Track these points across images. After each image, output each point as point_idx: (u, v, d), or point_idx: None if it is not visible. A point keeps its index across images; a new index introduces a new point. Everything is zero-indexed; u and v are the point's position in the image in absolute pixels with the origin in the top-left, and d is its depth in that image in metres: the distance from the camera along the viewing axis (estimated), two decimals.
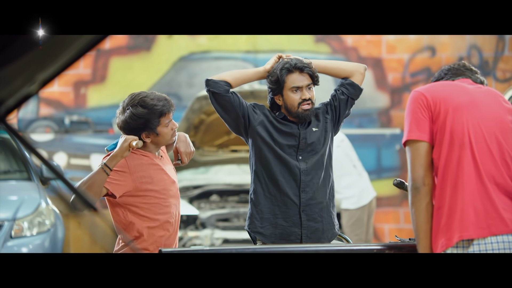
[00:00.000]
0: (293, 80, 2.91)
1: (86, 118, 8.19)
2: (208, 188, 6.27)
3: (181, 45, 8.43)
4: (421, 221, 2.21)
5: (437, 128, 2.23)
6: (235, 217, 6.03)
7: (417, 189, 2.22)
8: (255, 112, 2.94)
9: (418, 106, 2.25)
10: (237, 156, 6.81)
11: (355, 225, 5.75)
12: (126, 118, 2.84)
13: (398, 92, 8.25)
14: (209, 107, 6.55)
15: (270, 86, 2.97)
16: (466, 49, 8.07)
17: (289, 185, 2.89)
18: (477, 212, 2.16)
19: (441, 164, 2.21)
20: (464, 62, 2.44)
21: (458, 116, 2.22)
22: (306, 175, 2.90)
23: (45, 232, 4.84)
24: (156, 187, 2.81)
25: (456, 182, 2.19)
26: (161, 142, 2.87)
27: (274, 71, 2.94)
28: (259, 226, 2.92)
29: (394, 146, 8.19)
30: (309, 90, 2.93)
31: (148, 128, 2.82)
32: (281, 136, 2.93)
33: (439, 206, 2.21)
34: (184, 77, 8.44)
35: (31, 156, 5.28)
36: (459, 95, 2.27)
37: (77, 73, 8.25)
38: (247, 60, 8.36)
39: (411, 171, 2.24)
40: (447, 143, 2.21)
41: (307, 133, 2.94)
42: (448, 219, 2.18)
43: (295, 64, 2.91)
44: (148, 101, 2.82)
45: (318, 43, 8.35)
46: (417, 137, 2.24)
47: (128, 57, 8.35)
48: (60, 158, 7.89)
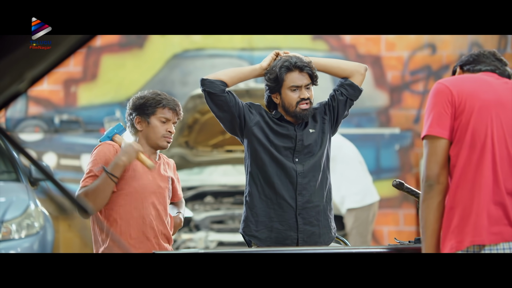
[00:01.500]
0: (292, 79, 2.91)
1: (77, 117, 8.17)
2: (203, 189, 6.27)
3: (174, 43, 8.43)
4: (430, 219, 2.20)
5: (458, 125, 2.20)
6: (230, 219, 6.03)
7: (430, 187, 2.21)
8: (251, 112, 2.94)
9: (442, 100, 2.22)
10: (232, 156, 6.81)
11: (362, 226, 5.68)
12: (132, 98, 2.97)
13: (398, 91, 8.27)
14: (204, 106, 6.55)
15: (268, 84, 2.97)
16: (467, 46, 8.09)
17: (286, 187, 2.89)
18: (491, 217, 2.15)
19: (460, 163, 2.19)
20: (495, 51, 2.38)
21: (483, 116, 2.19)
22: (303, 178, 2.90)
23: (34, 235, 4.83)
24: (136, 182, 2.82)
25: (474, 184, 2.17)
26: (151, 137, 2.88)
27: (273, 69, 2.94)
28: (254, 230, 2.92)
29: (393, 146, 8.20)
30: (308, 89, 2.93)
31: (142, 113, 2.88)
32: (277, 137, 2.93)
33: (452, 206, 2.20)
34: (177, 75, 8.43)
35: (19, 157, 5.27)
36: (486, 91, 2.23)
37: (67, 71, 8.23)
38: (242, 57, 8.36)
39: (426, 167, 2.22)
40: (468, 143, 2.18)
41: (304, 135, 2.94)
42: (460, 221, 2.17)
43: (295, 63, 2.90)
44: (158, 91, 2.95)
45: (316, 40, 8.36)
46: (436, 133, 2.21)
47: (120, 54, 8.34)
48: (49, 158, 7.87)
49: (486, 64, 2.34)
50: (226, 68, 3.04)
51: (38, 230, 4.86)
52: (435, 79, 7.89)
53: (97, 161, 2.81)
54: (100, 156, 2.82)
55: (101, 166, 2.77)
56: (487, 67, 2.33)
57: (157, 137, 2.89)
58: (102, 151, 2.83)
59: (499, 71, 2.33)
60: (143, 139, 2.91)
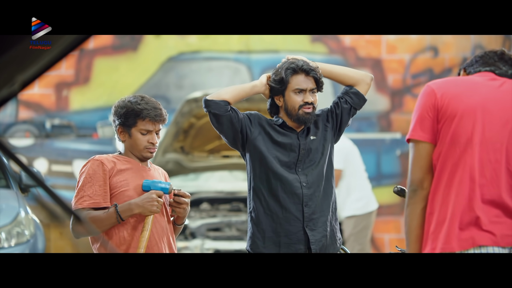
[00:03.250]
0: (297, 82, 2.91)
1: (69, 121, 8.16)
2: (198, 196, 6.26)
3: (169, 45, 8.43)
4: (414, 225, 2.25)
5: (440, 128, 2.22)
6: (226, 227, 6.03)
7: (414, 192, 2.24)
8: (251, 125, 2.94)
9: (426, 103, 2.24)
10: (229, 162, 6.81)
11: (361, 233, 5.69)
12: (115, 103, 2.95)
13: (399, 95, 8.28)
14: (199, 110, 6.56)
15: (272, 85, 2.97)
16: (470, 49, 8.12)
17: (291, 200, 2.89)
18: (463, 223, 2.16)
19: (438, 168, 2.22)
20: (503, 49, 2.36)
21: (465, 120, 2.20)
22: (307, 188, 2.90)
23: (24, 243, 4.81)
24: (130, 192, 2.83)
25: (449, 190, 2.19)
26: (133, 149, 2.89)
27: (279, 70, 2.95)
28: (262, 246, 2.91)
29: (394, 151, 8.21)
30: (313, 94, 2.93)
31: (123, 123, 2.89)
32: (279, 148, 2.93)
33: (430, 212, 2.23)
34: (172, 79, 8.43)
35: (9, 163, 5.26)
36: (471, 95, 2.23)
37: (59, 74, 8.23)
38: (239, 60, 8.37)
39: (411, 172, 2.25)
40: (447, 148, 2.20)
41: (307, 143, 2.94)
42: (436, 227, 2.20)
43: (301, 66, 2.91)
44: (138, 98, 2.91)
45: (314, 42, 8.37)
46: (418, 137, 2.23)
47: (113, 57, 8.34)
48: (40, 164, 7.86)
49: (487, 64, 2.33)
50: (223, 71, 3.04)
51: (28, 238, 4.85)
52: None
53: (93, 183, 2.81)
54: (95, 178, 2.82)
55: (115, 204, 2.78)
56: (487, 67, 2.32)
57: (140, 149, 2.90)
58: (94, 171, 2.83)
59: (499, 71, 2.30)
60: (127, 150, 2.93)
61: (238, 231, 5.93)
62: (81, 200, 2.79)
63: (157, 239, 2.85)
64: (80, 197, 2.80)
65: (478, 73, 2.32)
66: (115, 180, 2.82)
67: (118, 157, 2.90)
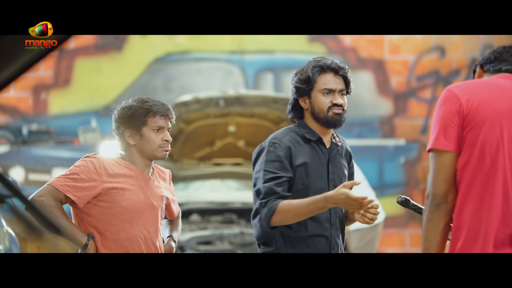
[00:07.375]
0: (325, 81, 2.86)
1: (47, 127, 8.14)
2: (188, 206, 6.26)
3: (157, 45, 8.44)
4: (437, 241, 2.21)
5: (466, 136, 2.20)
6: (218, 240, 6.01)
7: (437, 206, 2.21)
8: (289, 163, 2.81)
9: (449, 110, 2.21)
10: (220, 170, 6.81)
11: (368, 246, 5.72)
12: (117, 109, 2.92)
13: (403, 98, 8.30)
14: (189, 114, 6.55)
15: (297, 85, 2.92)
16: (479, 49, 8.15)
17: (320, 223, 2.82)
18: (497, 241, 2.15)
19: (466, 179, 2.19)
20: None
21: (495, 128, 2.18)
22: (335, 209, 2.87)
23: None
24: (125, 201, 2.82)
25: (482, 204, 2.17)
26: (146, 150, 2.87)
27: (304, 69, 2.91)
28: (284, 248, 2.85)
29: (398, 159, 8.22)
30: (342, 96, 2.89)
31: (132, 125, 2.86)
32: (309, 173, 2.79)
33: (458, 227, 2.20)
34: (160, 81, 8.43)
35: None
36: (498, 100, 2.22)
37: (37, 76, 8.22)
38: (232, 61, 8.38)
39: (433, 185, 2.22)
40: (477, 158, 2.18)
41: (336, 160, 2.89)
42: (465, 244, 2.17)
43: (329, 64, 2.87)
44: (141, 98, 2.92)
45: (312, 42, 8.39)
46: (443, 147, 2.21)
47: (95, 57, 8.34)
48: (17, 172, 7.83)
49: (508, 62, 2.32)
50: (214, 74, 3.02)
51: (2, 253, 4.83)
52: (444, 85, 7.94)
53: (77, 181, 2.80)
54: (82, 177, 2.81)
55: (91, 236, 2.79)
56: (509, 66, 2.31)
57: (154, 149, 2.88)
58: (88, 170, 2.82)
59: None
60: (137, 153, 2.89)
61: (230, 244, 5.91)
62: (58, 180, 2.78)
63: (153, 241, 2.88)
64: (60, 177, 2.80)
65: (501, 75, 2.31)
66: (110, 180, 2.82)
67: (118, 161, 2.89)
